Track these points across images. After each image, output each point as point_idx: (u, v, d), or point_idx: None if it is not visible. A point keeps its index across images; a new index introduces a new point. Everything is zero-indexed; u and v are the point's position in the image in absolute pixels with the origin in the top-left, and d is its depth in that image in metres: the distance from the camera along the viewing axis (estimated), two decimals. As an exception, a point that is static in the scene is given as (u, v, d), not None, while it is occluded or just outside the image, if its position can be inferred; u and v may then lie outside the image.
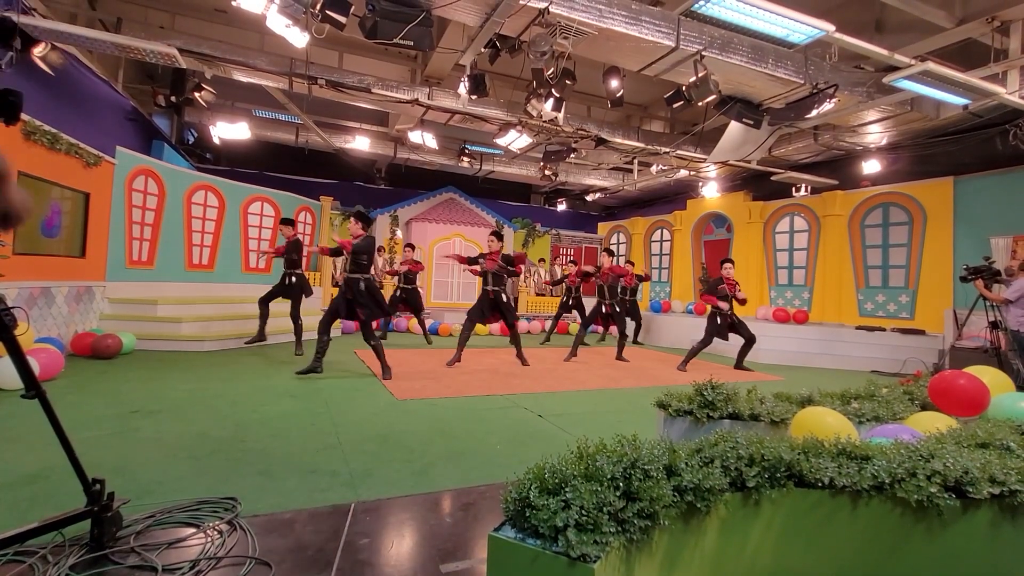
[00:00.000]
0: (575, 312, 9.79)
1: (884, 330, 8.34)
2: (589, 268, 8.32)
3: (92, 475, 1.87)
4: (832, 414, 2.55)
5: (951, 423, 2.61)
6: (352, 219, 5.47)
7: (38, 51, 5.35)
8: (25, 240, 5.17)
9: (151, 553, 1.88)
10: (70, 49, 6.15)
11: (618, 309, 7.74)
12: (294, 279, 6.74)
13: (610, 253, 8.08)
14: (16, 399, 3.81)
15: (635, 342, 10.07)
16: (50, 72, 5.64)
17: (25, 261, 5.17)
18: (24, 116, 4.98)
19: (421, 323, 8.77)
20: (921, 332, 8.05)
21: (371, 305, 5.43)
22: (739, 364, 7.22)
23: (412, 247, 8.76)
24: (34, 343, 4.70)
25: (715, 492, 1.61)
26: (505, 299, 6.50)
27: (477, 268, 6.56)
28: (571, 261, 9.69)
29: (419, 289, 8.67)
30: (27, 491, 2.37)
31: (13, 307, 1.68)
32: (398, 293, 8.43)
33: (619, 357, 7.66)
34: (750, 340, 7.03)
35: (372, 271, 5.62)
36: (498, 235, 6.59)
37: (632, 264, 10.08)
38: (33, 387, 1.76)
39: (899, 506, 1.79)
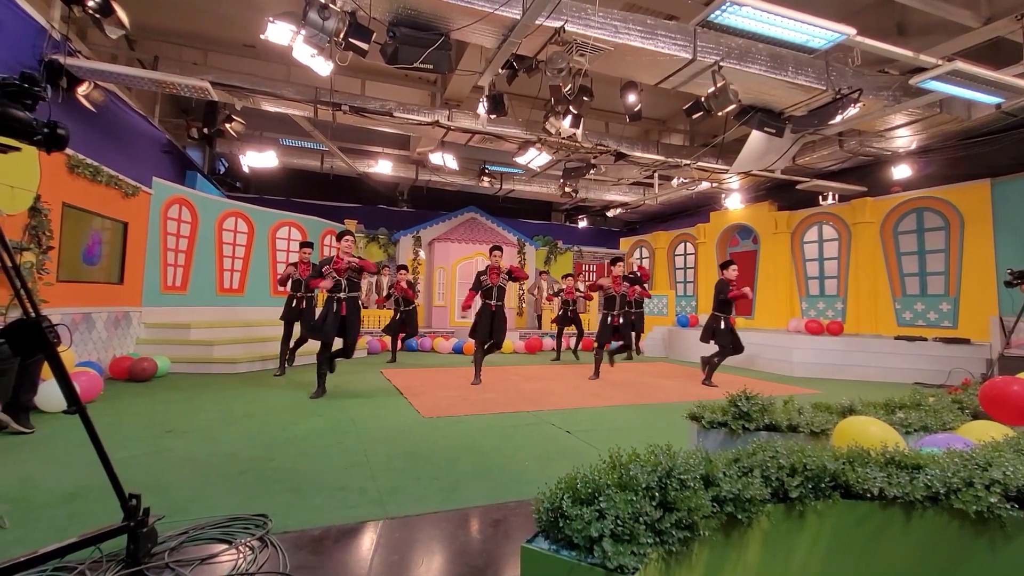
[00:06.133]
0: (574, 326, 9.66)
1: (925, 340, 7.97)
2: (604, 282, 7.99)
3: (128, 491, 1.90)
4: (876, 423, 2.44)
5: (1007, 432, 2.45)
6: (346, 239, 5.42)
7: (82, 90, 5.67)
8: (68, 268, 5.40)
9: (185, 569, 1.89)
10: (110, 87, 6.49)
11: (622, 321, 7.29)
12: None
13: (613, 263, 7.85)
14: (57, 420, 3.96)
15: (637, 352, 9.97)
16: (93, 109, 5.96)
17: (68, 288, 5.39)
18: (69, 151, 5.26)
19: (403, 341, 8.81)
20: (966, 341, 7.69)
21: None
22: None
23: (405, 268, 8.91)
24: (75, 367, 4.86)
25: (756, 502, 1.54)
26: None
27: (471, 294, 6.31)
28: (567, 275, 9.66)
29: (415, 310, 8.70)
30: (66, 509, 2.42)
31: (58, 324, 1.74)
32: (398, 316, 8.43)
33: (611, 362, 7.80)
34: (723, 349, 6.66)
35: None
36: (498, 248, 6.44)
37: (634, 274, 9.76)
38: (75, 403, 1.81)
39: (956, 518, 1.68)
